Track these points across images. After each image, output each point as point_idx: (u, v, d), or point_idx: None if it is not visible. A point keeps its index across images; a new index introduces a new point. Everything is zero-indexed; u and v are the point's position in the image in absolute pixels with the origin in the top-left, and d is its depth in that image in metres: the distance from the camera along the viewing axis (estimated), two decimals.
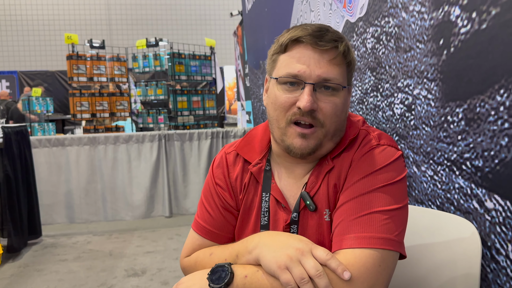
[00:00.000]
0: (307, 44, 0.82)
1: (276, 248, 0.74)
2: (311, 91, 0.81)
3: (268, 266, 0.73)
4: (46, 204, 3.92)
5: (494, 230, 0.97)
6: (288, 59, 0.84)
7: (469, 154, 1.04)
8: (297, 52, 0.83)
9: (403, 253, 0.79)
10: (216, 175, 0.99)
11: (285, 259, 0.71)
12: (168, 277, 2.82)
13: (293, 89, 0.83)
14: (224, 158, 0.99)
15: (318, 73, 0.81)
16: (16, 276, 2.91)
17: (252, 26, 4.12)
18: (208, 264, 0.88)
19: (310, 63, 0.82)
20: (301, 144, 0.84)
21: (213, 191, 0.99)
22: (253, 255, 0.77)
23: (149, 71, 4.67)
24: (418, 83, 1.23)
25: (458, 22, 1.03)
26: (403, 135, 1.34)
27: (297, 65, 0.82)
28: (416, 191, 1.30)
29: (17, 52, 11.91)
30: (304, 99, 0.80)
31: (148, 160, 4.14)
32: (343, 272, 0.71)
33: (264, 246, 0.76)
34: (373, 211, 0.77)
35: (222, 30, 12.42)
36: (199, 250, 0.97)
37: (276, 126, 0.87)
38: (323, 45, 0.81)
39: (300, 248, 0.73)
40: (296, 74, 0.82)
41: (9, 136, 3.27)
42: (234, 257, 0.83)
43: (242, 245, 0.82)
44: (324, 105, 0.82)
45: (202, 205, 1.00)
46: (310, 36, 0.82)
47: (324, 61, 0.82)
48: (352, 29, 1.66)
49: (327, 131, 0.85)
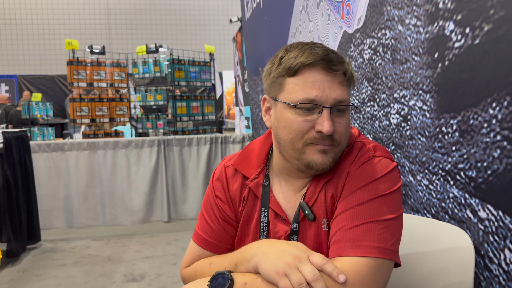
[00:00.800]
0: (319, 68, 0.84)
1: (274, 256, 0.76)
2: (329, 115, 0.83)
3: (267, 273, 0.76)
4: (45, 209, 3.94)
5: (487, 239, 1.00)
6: (301, 83, 0.84)
7: (463, 164, 1.06)
8: (310, 77, 0.84)
9: (398, 261, 0.81)
10: (216, 188, 1.01)
11: (284, 266, 0.74)
12: (167, 283, 2.83)
13: (309, 113, 0.84)
14: (223, 171, 1.02)
15: (334, 96, 0.83)
16: (15, 281, 2.92)
17: (251, 33, 4.16)
18: (208, 273, 0.91)
19: (325, 87, 0.83)
20: (322, 159, 0.85)
21: (213, 203, 1.01)
22: (252, 263, 0.79)
23: (148, 76, 4.71)
24: (414, 94, 1.26)
25: (452, 37, 1.06)
26: (399, 145, 1.37)
27: (313, 90, 0.83)
28: (412, 200, 1.32)
29: (16, 56, 11.93)
30: (326, 124, 0.82)
31: (147, 165, 4.16)
32: (338, 275, 0.73)
33: (262, 254, 0.78)
34: (369, 221, 0.79)
35: (222, 35, 12.47)
36: (198, 260, 0.99)
37: (291, 147, 0.87)
38: (336, 69, 0.84)
39: (298, 255, 0.75)
40: (314, 99, 0.83)
41: (9, 141, 3.29)
42: (233, 266, 0.85)
43: (240, 254, 0.85)
44: (338, 126, 0.85)
45: (203, 217, 1.02)
46: (322, 61, 0.83)
47: (336, 84, 0.84)
48: (350, 40, 1.69)
49: (342, 148, 0.89)
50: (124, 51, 8.98)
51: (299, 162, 0.88)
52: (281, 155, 0.93)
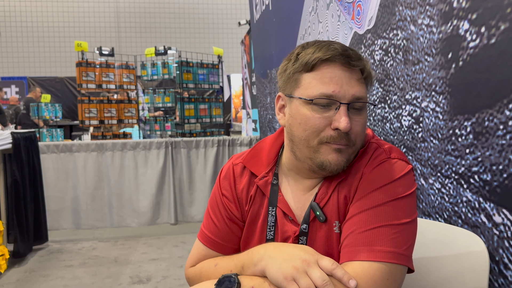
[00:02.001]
0: (336, 64, 0.82)
1: (282, 259, 0.74)
2: (346, 111, 0.81)
3: (274, 278, 0.73)
4: (52, 210, 3.95)
5: (502, 244, 0.97)
6: (319, 78, 0.82)
7: (477, 167, 1.03)
8: (327, 72, 0.82)
9: (411, 267, 0.79)
10: (222, 186, 1.00)
11: (292, 271, 0.72)
12: (173, 285, 2.82)
13: (326, 109, 0.82)
14: (231, 169, 1.00)
15: (352, 92, 0.81)
16: (21, 281, 2.92)
17: (260, 35, 4.15)
18: (213, 275, 0.89)
19: (342, 82, 0.81)
20: (337, 159, 0.83)
21: (219, 202, 0.99)
22: (259, 267, 0.77)
23: (157, 78, 4.72)
24: (426, 96, 1.23)
25: (467, 36, 1.03)
26: (410, 147, 1.34)
27: (331, 85, 0.81)
28: (424, 204, 1.29)
29: (27, 58, 12.05)
30: (343, 120, 0.79)
31: (154, 167, 4.16)
32: (349, 280, 0.71)
33: (270, 258, 0.76)
34: (382, 225, 0.77)
35: (230, 38, 12.50)
36: (204, 261, 0.97)
37: (305, 145, 0.85)
38: (355, 64, 0.82)
39: (306, 259, 0.73)
40: (331, 95, 0.81)
41: (18, 141, 3.30)
42: (240, 269, 0.83)
43: (247, 256, 0.83)
44: (354, 124, 0.83)
45: (208, 216, 1.01)
46: (341, 56, 0.81)
47: (354, 80, 0.82)
48: (360, 41, 1.67)
49: (356, 148, 0.86)
50: (133, 53, 9.03)
51: (312, 161, 0.86)
52: (292, 154, 0.90)
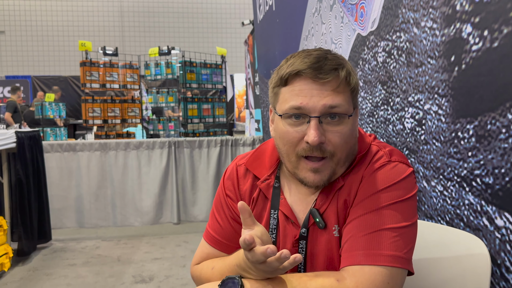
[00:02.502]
0: (307, 77, 0.81)
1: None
2: (317, 124, 0.79)
3: None
4: (56, 209, 3.97)
5: (504, 248, 0.97)
6: (289, 92, 0.82)
7: (479, 170, 1.03)
8: (298, 85, 0.81)
9: (411, 270, 0.79)
10: (226, 187, 1.00)
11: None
12: (175, 285, 2.83)
13: (298, 122, 0.82)
14: (235, 170, 1.01)
15: (322, 102, 0.79)
16: (25, 280, 2.94)
17: (264, 36, 4.16)
18: (211, 277, 0.91)
19: (312, 94, 0.80)
20: (314, 178, 0.83)
21: (223, 202, 1.00)
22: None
23: (160, 78, 4.73)
24: (429, 98, 1.23)
25: (470, 40, 1.03)
26: (413, 150, 1.34)
27: (299, 97, 0.80)
28: (426, 206, 1.29)
29: (31, 57, 12.11)
30: (311, 134, 0.79)
31: (157, 166, 4.17)
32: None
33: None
34: (382, 228, 0.77)
35: (233, 38, 12.50)
36: (203, 262, 0.99)
37: (287, 160, 0.86)
38: (323, 77, 0.80)
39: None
40: (299, 106, 0.80)
41: (22, 140, 3.32)
42: (235, 268, 0.84)
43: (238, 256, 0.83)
44: (331, 135, 0.81)
45: (213, 215, 1.02)
46: (309, 69, 0.80)
47: (327, 91, 0.80)
48: (363, 42, 1.67)
49: (338, 160, 0.84)
50: (136, 52, 9.06)
51: (295, 176, 0.87)
52: (285, 165, 0.92)
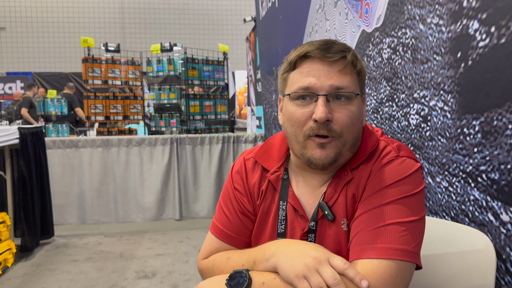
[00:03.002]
0: (315, 58, 0.84)
1: (293, 256, 0.75)
2: (324, 102, 0.82)
3: (285, 274, 0.75)
4: (58, 205, 3.98)
5: (509, 243, 0.98)
6: (298, 74, 0.86)
7: (485, 166, 1.04)
8: (306, 67, 0.85)
9: (419, 264, 0.79)
10: (235, 180, 1.01)
11: (303, 268, 0.73)
12: (178, 280, 2.84)
13: (306, 103, 0.85)
14: (243, 164, 1.01)
15: (330, 83, 0.82)
16: (28, 275, 2.95)
17: (266, 32, 4.15)
18: (225, 268, 0.90)
19: (320, 75, 0.83)
20: (320, 154, 0.84)
21: (231, 195, 1.00)
22: (271, 263, 0.79)
23: (162, 75, 4.73)
24: (435, 95, 1.23)
25: (477, 36, 1.04)
26: (418, 146, 1.35)
27: (307, 78, 0.84)
28: (431, 202, 1.30)
29: (32, 54, 12.10)
30: (318, 110, 0.81)
31: (159, 163, 4.18)
32: (361, 281, 0.72)
33: (282, 255, 0.77)
34: (391, 223, 0.78)
35: (235, 35, 12.49)
36: (216, 254, 0.98)
37: (295, 141, 0.88)
38: (330, 56, 0.83)
39: (317, 257, 0.74)
40: (307, 87, 0.83)
41: (25, 137, 3.33)
42: (251, 264, 0.84)
43: (259, 252, 0.84)
44: (339, 114, 0.83)
45: (221, 209, 1.02)
46: (317, 50, 0.83)
47: (334, 72, 0.83)
48: (368, 39, 1.67)
49: (345, 141, 0.85)
50: (137, 49, 9.04)
51: (302, 158, 0.88)
52: (292, 152, 0.94)
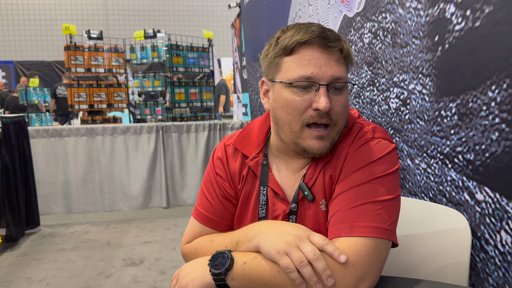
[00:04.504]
0: (314, 46, 0.84)
1: (275, 235, 0.78)
2: (326, 92, 0.83)
3: (268, 252, 0.77)
4: (43, 194, 3.94)
5: (483, 221, 1.01)
6: (297, 61, 0.85)
7: (461, 147, 1.07)
8: (306, 54, 0.84)
9: (395, 241, 0.82)
10: (216, 165, 1.02)
11: (284, 245, 0.75)
12: (166, 267, 2.86)
13: (306, 91, 0.84)
14: (224, 150, 1.02)
15: (330, 73, 0.83)
16: (14, 265, 2.94)
17: (251, 18, 4.13)
18: (209, 250, 0.92)
19: (321, 64, 0.83)
20: (319, 145, 0.86)
21: (213, 180, 1.02)
22: (253, 243, 0.81)
23: (146, 62, 4.68)
24: (414, 78, 1.26)
25: (453, 19, 1.06)
26: (398, 129, 1.37)
27: (309, 67, 0.83)
28: (410, 184, 1.33)
29: (13, 42, 11.83)
30: (323, 100, 0.82)
31: (145, 151, 4.16)
32: (340, 255, 0.74)
33: (264, 235, 0.79)
34: (367, 202, 0.80)
35: (220, 22, 12.37)
36: (200, 237, 1.00)
37: (288, 129, 0.88)
38: (331, 45, 0.83)
39: (298, 235, 0.76)
40: (310, 76, 0.83)
41: (7, 126, 3.28)
42: (234, 245, 0.86)
43: (242, 233, 0.86)
44: (336, 104, 0.85)
45: (203, 194, 1.03)
46: (318, 38, 0.83)
47: (333, 61, 0.84)
48: (350, 24, 1.68)
49: (339, 129, 0.88)
50: (121, 36, 8.91)
51: (296, 145, 0.89)
52: (278, 137, 0.93)
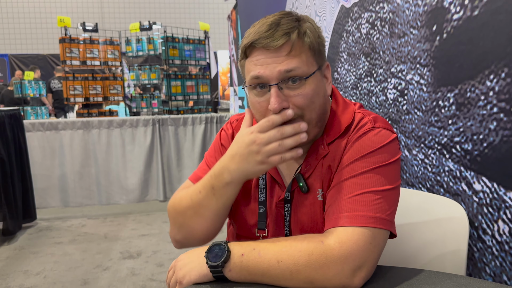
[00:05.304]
0: (260, 47, 0.83)
1: (239, 158, 0.82)
2: (277, 91, 0.82)
3: (239, 170, 0.82)
4: (40, 188, 3.93)
5: (481, 211, 1.01)
6: (251, 63, 0.85)
7: (459, 137, 1.07)
8: (255, 56, 0.84)
9: (393, 232, 0.82)
10: (222, 137, 1.03)
11: (248, 150, 0.81)
12: (163, 259, 2.86)
13: (262, 92, 0.85)
14: (230, 127, 1.04)
15: (278, 69, 0.82)
16: (12, 259, 2.94)
17: (247, 10, 4.10)
18: (185, 197, 0.92)
19: (268, 63, 0.82)
20: None
21: (217, 149, 1.02)
22: (226, 177, 0.84)
23: (142, 55, 4.65)
24: (411, 69, 1.25)
25: (451, 9, 1.05)
26: (395, 120, 1.37)
27: (257, 67, 0.83)
28: (407, 174, 1.33)
29: (7, 35, 11.72)
30: (271, 101, 0.81)
31: (142, 144, 4.15)
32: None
33: (230, 163, 0.84)
34: (366, 191, 0.80)
35: (216, 14, 12.30)
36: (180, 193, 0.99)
37: None
38: (274, 44, 0.82)
39: (253, 139, 0.81)
40: (258, 76, 0.83)
41: (2, 119, 3.26)
42: (210, 188, 0.87)
43: (211, 175, 0.87)
44: (295, 99, 0.83)
45: (204, 161, 1.03)
46: (260, 39, 0.82)
47: (282, 57, 0.82)
48: (347, 14, 1.67)
49: (309, 120, 0.85)
50: (116, 29, 8.84)
51: None
52: None
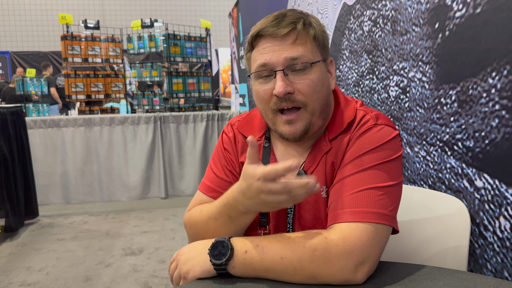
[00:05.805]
0: (267, 36, 0.87)
1: (249, 198, 0.79)
2: (282, 76, 0.85)
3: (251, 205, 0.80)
4: (42, 185, 3.95)
5: (482, 207, 1.02)
6: (257, 53, 0.89)
7: (461, 135, 1.07)
8: (261, 45, 0.88)
9: (396, 227, 0.82)
10: (224, 141, 1.05)
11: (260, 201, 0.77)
12: (165, 256, 2.87)
13: (267, 80, 0.88)
14: (231, 129, 1.06)
15: (283, 56, 0.85)
16: (14, 255, 2.95)
17: (249, 7, 4.10)
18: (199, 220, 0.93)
19: (274, 50, 0.86)
20: (289, 130, 0.88)
21: (221, 154, 1.04)
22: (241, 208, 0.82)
23: (144, 52, 4.65)
24: (413, 66, 1.25)
25: (454, 6, 1.05)
26: (397, 117, 1.37)
27: (263, 55, 0.86)
28: (409, 171, 1.34)
29: (9, 32, 11.72)
30: (277, 85, 0.85)
31: (143, 142, 4.15)
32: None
33: (242, 198, 0.81)
34: (369, 187, 0.80)
35: (217, 11, 12.28)
36: (194, 208, 1.00)
37: (266, 117, 0.93)
38: (280, 31, 0.85)
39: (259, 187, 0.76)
40: (264, 63, 0.86)
41: (5, 116, 3.27)
42: (226, 217, 0.86)
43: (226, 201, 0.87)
44: (300, 85, 0.86)
45: (210, 168, 1.05)
46: (267, 27, 0.86)
47: (288, 45, 0.86)
48: (350, 11, 1.67)
49: (312, 110, 0.88)
50: (117, 26, 8.85)
51: (276, 132, 0.93)
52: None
